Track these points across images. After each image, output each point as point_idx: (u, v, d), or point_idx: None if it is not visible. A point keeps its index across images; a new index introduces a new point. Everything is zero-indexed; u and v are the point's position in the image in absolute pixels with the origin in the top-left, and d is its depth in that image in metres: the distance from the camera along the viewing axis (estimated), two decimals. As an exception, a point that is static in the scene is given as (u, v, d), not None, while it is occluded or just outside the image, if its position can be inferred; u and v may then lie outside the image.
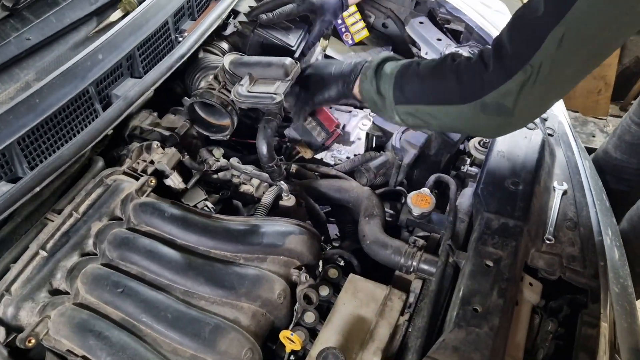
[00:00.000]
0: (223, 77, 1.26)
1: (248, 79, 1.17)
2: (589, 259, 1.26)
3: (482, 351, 1.02)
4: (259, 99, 1.12)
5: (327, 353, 1.03)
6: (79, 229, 1.11)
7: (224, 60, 1.26)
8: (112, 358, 0.94)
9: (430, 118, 1.11)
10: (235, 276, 1.07)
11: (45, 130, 1.04)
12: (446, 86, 1.06)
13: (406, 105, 1.12)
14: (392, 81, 1.12)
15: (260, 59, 1.22)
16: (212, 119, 1.27)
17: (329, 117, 1.51)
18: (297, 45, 1.48)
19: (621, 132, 1.98)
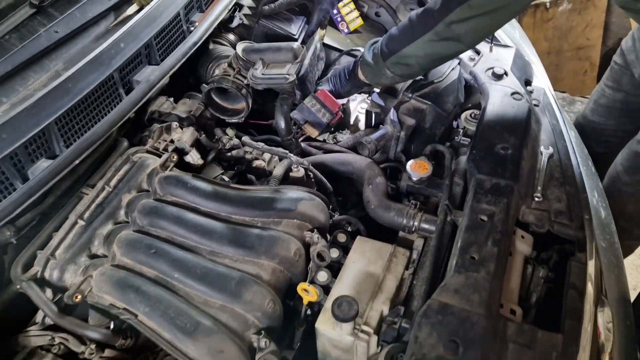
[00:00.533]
0: (237, 64, 1.39)
1: (261, 64, 1.30)
2: (575, 214, 1.37)
3: (480, 292, 1.13)
4: (274, 80, 1.29)
5: (341, 300, 1.14)
6: (112, 200, 1.22)
7: (237, 48, 1.40)
8: (150, 308, 1.05)
9: (409, 59, 1.41)
10: (254, 237, 1.18)
11: (78, 112, 1.15)
12: (410, 28, 1.38)
13: (390, 57, 1.42)
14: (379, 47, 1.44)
15: (270, 45, 1.37)
16: (227, 104, 1.40)
17: (332, 99, 1.62)
18: (299, 33, 1.60)
19: (597, 96, 2.10)
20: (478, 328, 1.07)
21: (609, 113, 2.05)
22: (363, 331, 1.17)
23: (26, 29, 1.20)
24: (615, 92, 2.00)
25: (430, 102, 1.55)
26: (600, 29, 3.14)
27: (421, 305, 1.15)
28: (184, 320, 1.04)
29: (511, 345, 1.10)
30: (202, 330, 1.03)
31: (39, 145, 1.11)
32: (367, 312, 1.21)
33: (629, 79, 1.90)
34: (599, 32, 3.14)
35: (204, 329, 1.04)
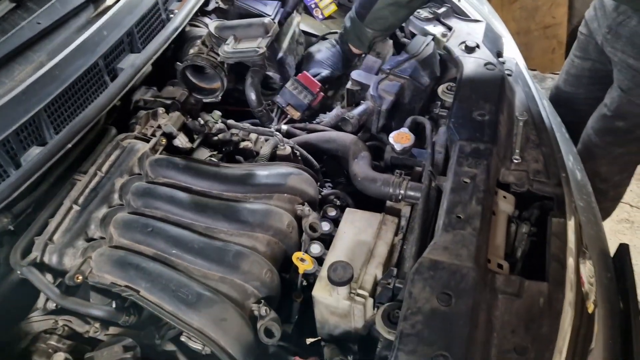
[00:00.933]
0: (210, 41, 1.43)
1: (233, 39, 1.34)
2: (552, 172, 1.44)
3: (468, 247, 1.18)
4: (244, 53, 1.34)
5: (336, 265, 1.18)
6: (105, 184, 1.24)
7: (209, 26, 1.44)
8: (152, 284, 1.08)
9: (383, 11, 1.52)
10: (248, 211, 1.22)
11: (67, 99, 1.17)
12: None
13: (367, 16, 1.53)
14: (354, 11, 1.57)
15: (242, 21, 1.43)
16: (204, 83, 1.43)
17: (311, 81, 1.66)
18: (274, 15, 1.65)
19: (567, 67, 2.19)
20: (468, 279, 1.12)
21: (578, 82, 2.14)
22: (359, 295, 1.21)
23: (7, 22, 1.22)
24: (583, 61, 2.09)
25: (408, 77, 1.60)
26: (565, 7, 3.24)
27: (412, 265, 1.20)
28: (185, 292, 1.07)
29: (500, 295, 1.15)
30: (204, 300, 1.06)
31: (30, 132, 1.13)
32: (362, 277, 1.25)
33: (594, 47, 1.99)
34: (564, 10, 3.24)
35: (206, 299, 1.06)
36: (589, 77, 2.10)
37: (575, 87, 2.15)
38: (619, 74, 1.83)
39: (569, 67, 2.19)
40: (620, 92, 1.84)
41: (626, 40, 1.76)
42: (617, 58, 1.81)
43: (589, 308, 1.32)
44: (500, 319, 1.12)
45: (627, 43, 1.76)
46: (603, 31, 1.85)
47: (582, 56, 2.09)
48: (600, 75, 2.02)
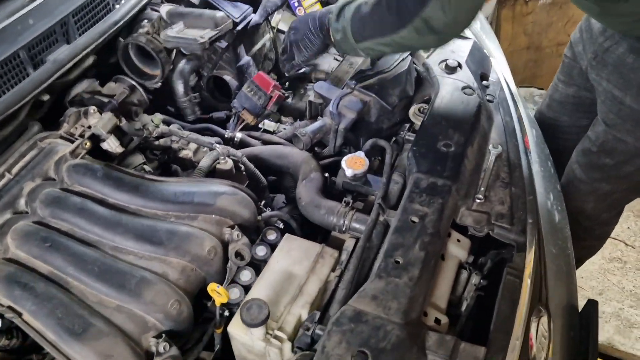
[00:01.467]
0: (159, 24, 1.35)
1: (180, 25, 1.25)
2: (518, 217, 1.30)
3: (399, 300, 1.06)
4: (184, 40, 1.27)
5: (251, 303, 1.07)
6: (11, 188, 1.14)
7: (161, 9, 1.36)
8: (37, 307, 0.97)
9: (384, 47, 1.32)
10: (164, 232, 1.11)
11: (-25, 91, 1.07)
12: (385, 20, 1.25)
13: (363, 42, 1.32)
14: (349, 25, 1.32)
15: (194, 10, 1.36)
16: (147, 69, 1.34)
17: (265, 80, 1.54)
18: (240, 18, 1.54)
19: (551, 92, 2.03)
20: (391, 337, 1.00)
21: (562, 108, 1.98)
22: (276, 337, 1.10)
23: None
24: (567, 86, 1.93)
25: (374, 95, 1.46)
26: (581, 25, 3.05)
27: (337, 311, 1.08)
28: (72, 320, 0.96)
29: (430, 356, 1.03)
30: (91, 332, 0.96)
31: None
32: (284, 316, 1.14)
33: (579, 72, 1.82)
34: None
35: (94, 330, 0.96)
36: (573, 103, 1.94)
37: (558, 113, 1.99)
38: (603, 105, 1.67)
39: (552, 91, 2.02)
40: (605, 127, 1.68)
41: (612, 69, 1.59)
42: (602, 87, 1.65)
43: (536, 376, 1.19)
44: (425, 384, 1.00)
45: (613, 72, 1.59)
46: (588, 56, 1.69)
47: (565, 81, 1.93)
48: (585, 102, 1.85)
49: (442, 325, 1.12)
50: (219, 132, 1.54)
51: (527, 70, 3.17)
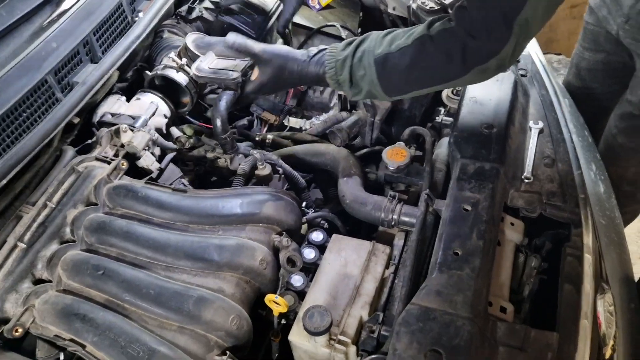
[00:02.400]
0: (184, 55, 1.29)
1: (209, 57, 1.20)
2: (569, 193, 1.26)
3: (464, 292, 1.03)
4: (218, 75, 1.18)
5: (313, 311, 1.04)
6: (55, 218, 1.12)
7: (187, 39, 1.31)
8: (99, 338, 0.95)
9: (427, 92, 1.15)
10: (214, 247, 1.08)
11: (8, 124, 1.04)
12: (437, 69, 1.07)
13: (400, 94, 1.14)
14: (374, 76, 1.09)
15: (222, 39, 1.26)
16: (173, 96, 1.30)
17: None
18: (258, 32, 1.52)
19: (577, 60, 1.97)
20: (463, 334, 0.97)
21: (592, 76, 1.92)
22: (340, 341, 1.07)
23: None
24: (594, 53, 1.86)
25: (406, 81, 1.41)
26: (594, -16, 2.96)
27: (401, 310, 1.05)
28: (136, 348, 0.94)
29: (502, 348, 1.00)
30: (156, 358, 0.94)
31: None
32: (345, 320, 1.11)
33: (605, 37, 1.76)
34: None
35: (159, 356, 0.94)
36: (603, 70, 1.87)
37: (588, 81, 1.93)
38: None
39: (578, 60, 1.96)
40: None
41: None
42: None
43: (607, 354, 1.16)
44: (501, 377, 0.97)
45: None
46: (618, 20, 1.62)
47: (592, 48, 1.86)
48: (617, 67, 1.78)
49: (508, 314, 1.09)
50: (249, 136, 1.50)
51: (542, 36, 3.09)
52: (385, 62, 1.07)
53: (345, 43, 1.14)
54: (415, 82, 1.10)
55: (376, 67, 1.08)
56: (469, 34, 1.01)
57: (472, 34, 1.00)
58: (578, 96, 1.86)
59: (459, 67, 1.05)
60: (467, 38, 1.01)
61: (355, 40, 1.13)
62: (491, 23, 0.98)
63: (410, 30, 1.08)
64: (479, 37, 1.00)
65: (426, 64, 1.06)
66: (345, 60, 1.11)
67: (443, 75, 1.08)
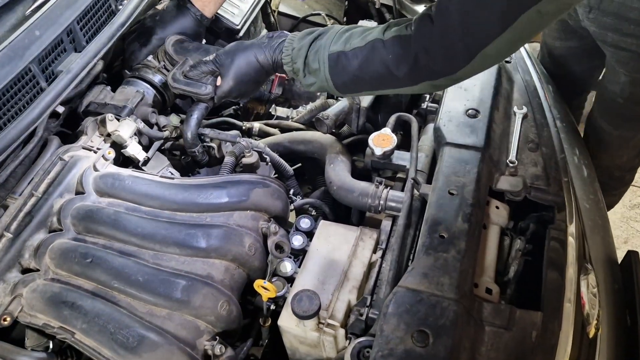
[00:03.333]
0: (162, 58, 1.34)
1: (187, 64, 1.23)
2: (553, 177, 1.28)
3: (450, 274, 1.04)
4: (191, 88, 1.21)
5: (301, 295, 1.05)
6: (41, 207, 1.11)
7: (166, 42, 1.33)
8: (88, 325, 0.96)
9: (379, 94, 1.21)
10: (202, 234, 1.08)
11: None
12: (384, 76, 1.05)
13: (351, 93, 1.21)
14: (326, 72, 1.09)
15: (200, 46, 1.32)
16: None
17: None
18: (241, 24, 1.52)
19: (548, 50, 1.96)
20: (449, 314, 0.99)
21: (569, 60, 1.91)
22: (329, 325, 1.09)
23: None
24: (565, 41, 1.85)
25: (392, 68, 1.42)
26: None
27: (388, 293, 1.06)
28: (125, 334, 0.94)
29: (488, 327, 1.02)
30: (146, 343, 0.94)
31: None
32: (333, 304, 1.12)
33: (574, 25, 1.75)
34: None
35: (149, 342, 0.94)
36: (580, 52, 1.87)
37: (567, 65, 1.93)
38: (616, 55, 1.61)
39: (550, 49, 1.95)
40: (626, 78, 1.63)
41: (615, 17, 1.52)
42: (610, 39, 1.59)
43: (590, 333, 1.18)
44: (486, 356, 1.00)
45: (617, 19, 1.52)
46: (581, 10, 1.62)
47: (562, 37, 1.87)
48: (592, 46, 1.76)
49: (493, 295, 1.11)
50: (236, 125, 1.50)
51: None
52: (337, 60, 1.07)
53: (305, 32, 1.14)
54: (365, 84, 1.10)
55: (329, 63, 1.08)
56: (423, 48, 0.97)
57: (428, 50, 0.97)
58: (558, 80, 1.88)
59: (405, 78, 1.03)
60: (420, 52, 0.98)
61: (315, 31, 1.13)
62: (451, 49, 0.94)
63: (368, 31, 1.07)
64: (433, 55, 0.97)
65: (374, 69, 1.05)
66: (300, 50, 1.11)
67: (390, 83, 1.06)
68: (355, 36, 1.07)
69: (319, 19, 1.88)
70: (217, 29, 1.56)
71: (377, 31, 1.05)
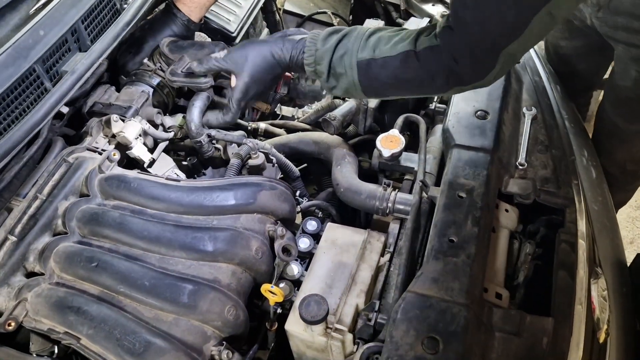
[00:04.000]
0: (158, 59, 1.34)
1: (183, 61, 1.24)
2: (563, 179, 1.26)
3: (460, 279, 1.03)
4: (191, 79, 1.23)
5: (309, 300, 1.04)
6: (46, 210, 1.10)
7: (160, 44, 1.34)
8: (94, 330, 0.94)
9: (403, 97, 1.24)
10: (209, 237, 1.07)
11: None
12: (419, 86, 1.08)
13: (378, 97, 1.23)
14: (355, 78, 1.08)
15: (194, 42, 1.33)
16: None
17: None
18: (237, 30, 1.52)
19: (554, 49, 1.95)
20: (459, 320, 0.97)
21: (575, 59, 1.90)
22: (336, 330, 1.08)
23: None
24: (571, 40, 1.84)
25: (399, 68, 1.40)
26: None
27: (397, 297, 1.05)
28: (131, 340, 0.93)
29: (498, 333, 1.01)
30: (153, 349, 0.93)
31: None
32: (341, 308, 1.11)
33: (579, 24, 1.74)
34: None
35: (155, 348, 0.93)
36: (587, 51, 1.86)
37: (574, 64, 1.92)
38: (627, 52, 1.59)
39: (555, 49, 1.94)
40: (638, 74, 1.62)
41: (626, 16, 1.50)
42: (621, 37, 1.57)
43: (601, 338, 1.17)
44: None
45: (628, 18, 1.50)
46: (590, 10, 1.60)
47: (567, 37, 1.85)
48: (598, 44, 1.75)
49: (503, 300, 1.10)
50: (241, 125, 1.49)
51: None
52: (368, 67, 1.07)
53: (327, 33, 1.12)
54: (396, 90, 1.11)
55: (359, 70, 1.07)
56: (452, 58, 0.99)
57: (456, 58, 0.99)
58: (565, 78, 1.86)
59: (441, 87, 1.06)
60: (451, 61, 0.99)
61: (336, 33, 1.11)
62: (476, 51, 0.97)
63: (395, 37, 1.07)
64: (462, 62, 0.99)
65: (409, 79, 1.06)
66: (325, 52, 1.10)
67: (423, 90, 1.13)
68: (384, 43, 1.06)
69: (325, 17, 1.86)
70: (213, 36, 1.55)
71: (407, 42, 1.05)
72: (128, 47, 1.41)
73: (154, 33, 1.40)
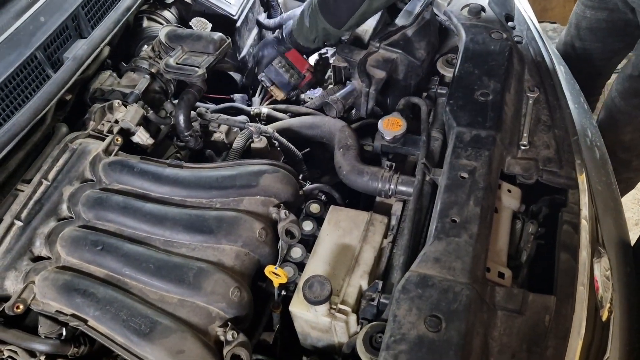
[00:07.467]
0: (158, 48, 1.35)
1: (179, 51, 1.28)
2: (565, 159, 1.26)
3: (462, 259, 1.03)
4: (184, 71, 1.26)
5: (312, 281, 1.05)
6: (51, 195, 1.11)
7: (160, 33, 1.35)
8: (101, 312, 0.96)
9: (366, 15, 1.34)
10: (212, 220, 1.08)
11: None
12: None
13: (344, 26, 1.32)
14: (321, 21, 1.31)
15: (192, 32, 1.34)
16: None
17: (300, 59, 1.49)
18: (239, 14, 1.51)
19: (577, 20, 1.94)
20: (462, 299, 0.98)
21: (593, 35, 1.89)
22: (340, 310, 1.09)
23: None
24: (596, 11, 1.84)
25: (401, 51, 1.40)
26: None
27: (400, 278, 1.05)
28: (138, 321, 0.95)
29: (500, 312, 1.02)
30: (158, 330, 0.94)
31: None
32: (344, 289, 1.12)
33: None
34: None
35: (161, 328, 0.95)
36: (606, 28, 1.85)
37: (589, 41, 1.90)
38: None
39: (578, 19, 1.93)
40: None
41: None
42: None
43: (604, 316, 1.17)
44: (499, 340, 0.99)
45: None
46: None
47: (595, 6, 1.83)
48: (619, 25, 1.75)
49: (506, 279, 1.10)
50: (244, 110, 1.49)
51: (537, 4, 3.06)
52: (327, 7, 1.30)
53: None
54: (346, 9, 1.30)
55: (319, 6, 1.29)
56: None
57: None
58: (575, 57, 1.85)
59: None
60: None
61: None
62: None
63: None
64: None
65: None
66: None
67: None
68: None
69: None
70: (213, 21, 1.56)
71: None
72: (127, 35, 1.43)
73: None
